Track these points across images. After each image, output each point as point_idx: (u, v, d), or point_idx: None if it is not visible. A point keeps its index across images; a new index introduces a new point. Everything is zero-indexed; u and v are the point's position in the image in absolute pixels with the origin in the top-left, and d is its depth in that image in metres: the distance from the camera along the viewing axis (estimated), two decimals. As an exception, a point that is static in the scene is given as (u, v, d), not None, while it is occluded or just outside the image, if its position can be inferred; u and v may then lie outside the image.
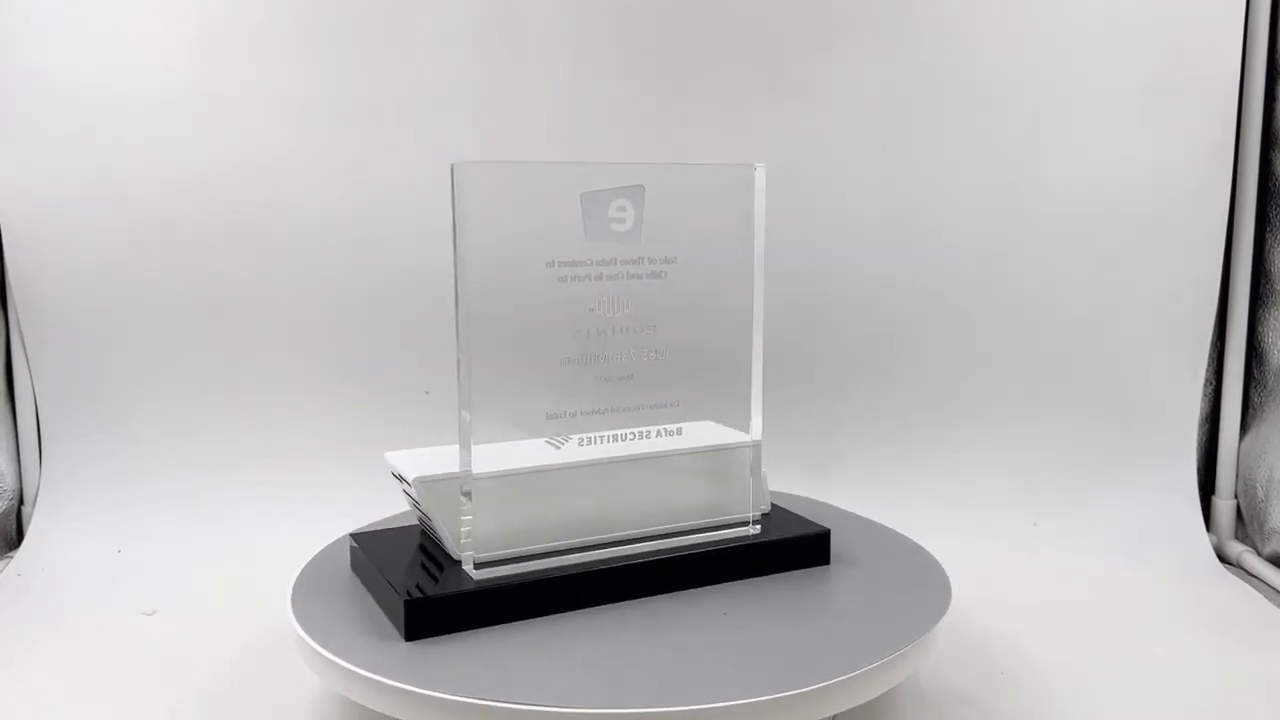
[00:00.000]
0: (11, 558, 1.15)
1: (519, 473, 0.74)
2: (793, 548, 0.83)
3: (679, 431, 0.80)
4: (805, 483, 1.18)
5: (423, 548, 0.80)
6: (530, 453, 0.75)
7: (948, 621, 0.75)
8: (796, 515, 0.88)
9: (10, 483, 1.20)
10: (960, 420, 1.26)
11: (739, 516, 0.83)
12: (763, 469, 0.85)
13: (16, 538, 1.21)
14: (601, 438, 0.77)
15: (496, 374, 0.71)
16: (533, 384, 0.74)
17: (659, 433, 0.79)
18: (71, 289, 1.20)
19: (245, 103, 1.19)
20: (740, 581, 0.80)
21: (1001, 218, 1.24)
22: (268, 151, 1.20)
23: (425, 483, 0.76)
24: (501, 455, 0.74)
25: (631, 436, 0.78)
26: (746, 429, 0.83)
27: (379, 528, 0.89)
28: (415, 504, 0.79)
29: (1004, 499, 1.23)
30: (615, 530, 0.78)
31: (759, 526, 0.83)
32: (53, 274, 1.20)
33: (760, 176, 0.81)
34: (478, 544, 0.73)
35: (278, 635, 0.93)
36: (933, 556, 0.85)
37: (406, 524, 0.88)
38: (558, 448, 0.75)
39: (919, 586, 0.80)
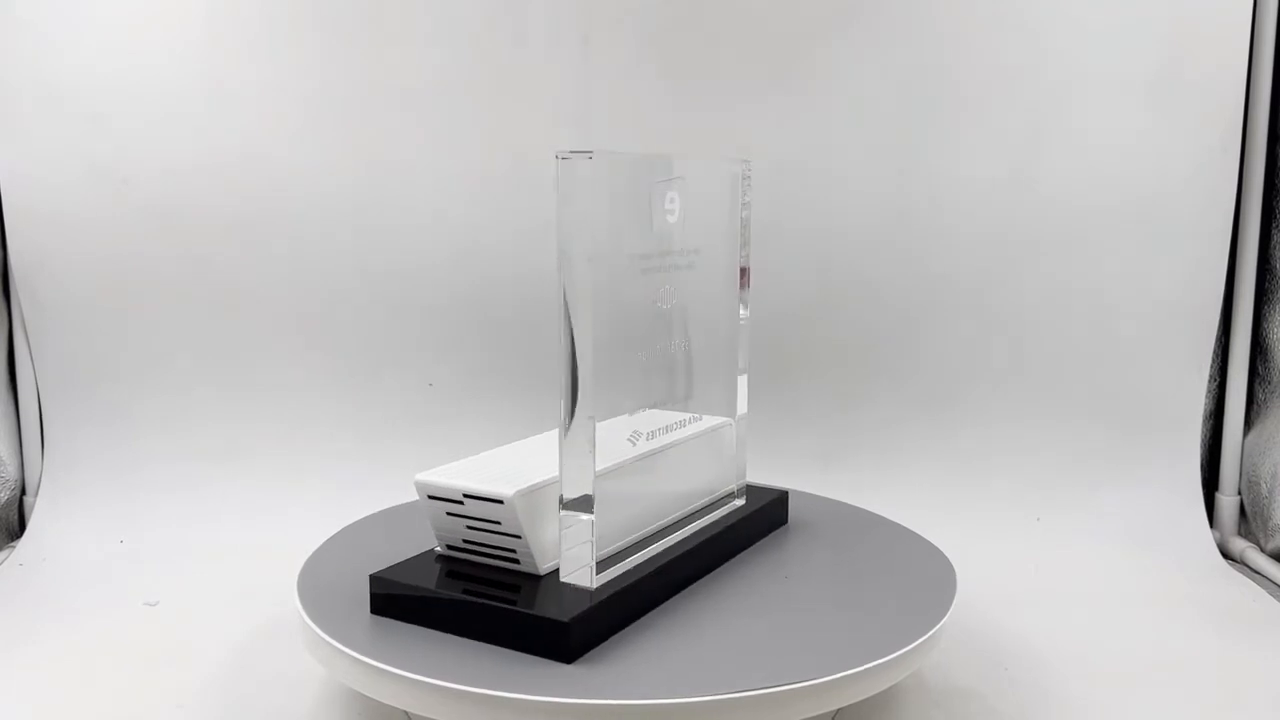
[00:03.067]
0: (13, 548, 1.15)
1: (620, 469, 0.73)
2: (770, 513, 0.90)
3: (699, 417, 0.82)
4: (809, 479, 1.18)
5: (455, 574, 0.73)
6: (606, 449, 0.74)
7: (952, 617, 0.75)
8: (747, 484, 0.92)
9: (12, 472, 1.20)
10: (963, 416, 1.26)
11: (728, 489, 0.87)
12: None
13: (18, 528, 1.21)
14: (660, 429, 0.78)
15: (601, 371, 0.68)
16: (622, 379, 0.72)
17: (689, 420, 0.81)
18: (75, 279, 1.20)
19: (249, 94, 1.19)
20: (742, 557, 0.83)
21: (1006, 212, 1.23)
22: (271, 142, 1.20)
23: (525, 495, 0.71)
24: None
25: (675, 425, 0.80)
26: (730, 410, 0.86)
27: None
28: (479, 523, 0.73)
29: (1007, 494, 1.23)
30: (663, 517, 0.79)
31: (744, 497, 0.88)
32: (56, 264, 1.19)
33: (748, 170, 0.84)
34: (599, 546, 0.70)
35: (279, 625, 0.93)
36: (939, 550, 0.85)
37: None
38: (634, 444, 0.75)
39: (924, 581, 0.80)
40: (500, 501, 0.71)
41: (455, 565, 0.75)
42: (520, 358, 1.25)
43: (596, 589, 0.69)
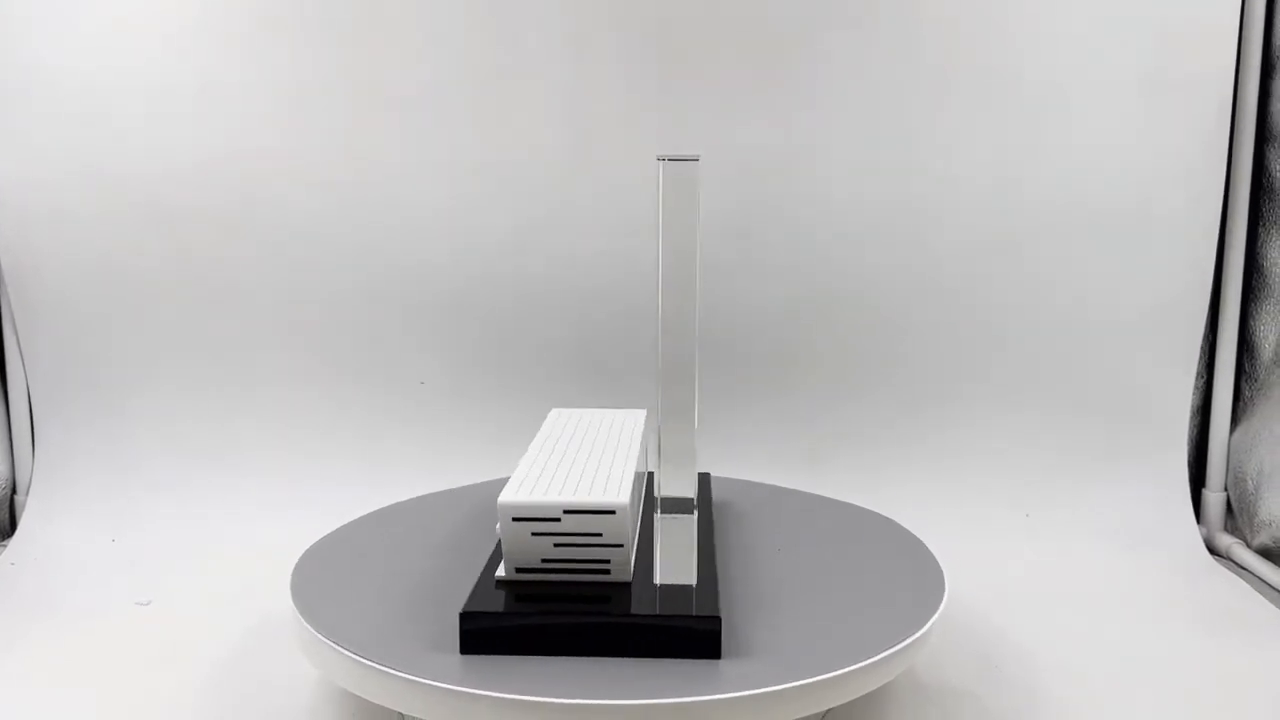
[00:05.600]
0: (5, 547, 1.15)
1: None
2: (708, 495, 0.94)
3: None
4: (798, 476, 1.19)
5: (538, 597, 0.70)
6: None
7: (942, 615, 0.75)
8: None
9: (3, 471, 1.20)
10: (953, 413, 1.27)
11: None
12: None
13: (10, 527, 1.21)
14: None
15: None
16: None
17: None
18: (66, 277, 1.19)
19: (242, 92, 1.19)
20: (734, 545, 0.85)
21: (995, 212, 1.24)
22: (264, 140, 1.20)
23: (631, 502, 0.71)
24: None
25: None
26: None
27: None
28: (574, 538, 0.71)
29: (997, 491, 1.24)
30: None
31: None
32: (47, 262, 1.19)
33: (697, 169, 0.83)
34: None
35: (272, 625, 0.93)
36: (927, 549, 0.86)
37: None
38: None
39: (913, 579, 0.80)
40: (613, 512, 0.70)
41: (528, 588, 0.71)
42: (513, 356, 1.25)
43: (698, 584, 0.70)
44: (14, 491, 1.22)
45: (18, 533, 1.17)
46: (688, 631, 0.66)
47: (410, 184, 1.22)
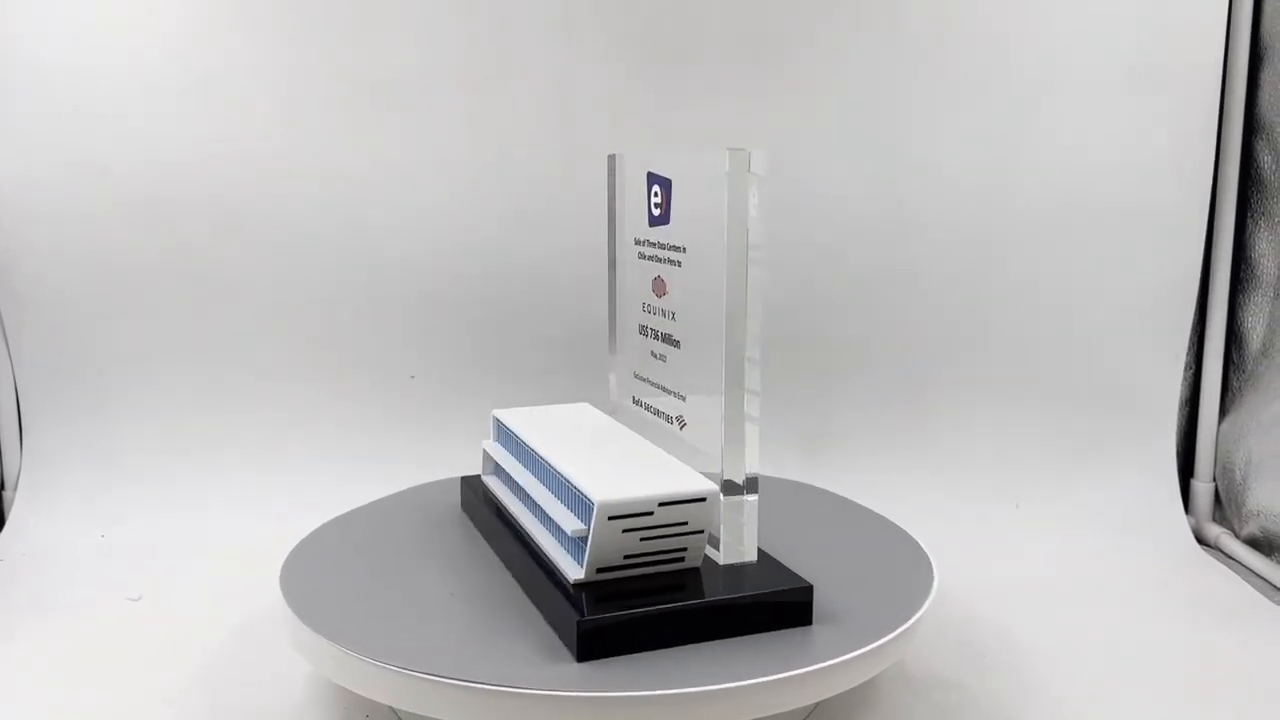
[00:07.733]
0: (-7, 543, 1.15)
1: None
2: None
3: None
4: (791, 468, 1.19)
5: (614, 595, 0.69)
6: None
7: (931, 607, 0.75)
8: None
9: (-9, 467, 1.20)
10: (944, 405, 1.27)
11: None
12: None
13: (-2, 522, 1.21)
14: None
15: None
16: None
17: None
18: (53, 271, 1.19)
19: (231, 87, 1.18)
20: None
21: (985, 206, 1.24)
22: (254, 135, 1.19)
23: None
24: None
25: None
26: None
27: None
28: (662, 529, 0.70)
29: (987, 482, 1.24)
30: None
31: None
32: (34, 256, 1.18)
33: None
34: None
35: (263, 619, 0.93)
36: (916, 541, 0.86)
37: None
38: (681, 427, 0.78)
39: (902, 571, 0.80)
40: (704, 499, 0.70)
41: (609, 587, 0.69)
42: (502, 350, 1.25)
43: (760, 560, 0.72)
44: (1, 487, 1.21)
45: (6, 528, 1.16)
46: (785, 604, 0.69)
47: (405, 182, 1.22)
